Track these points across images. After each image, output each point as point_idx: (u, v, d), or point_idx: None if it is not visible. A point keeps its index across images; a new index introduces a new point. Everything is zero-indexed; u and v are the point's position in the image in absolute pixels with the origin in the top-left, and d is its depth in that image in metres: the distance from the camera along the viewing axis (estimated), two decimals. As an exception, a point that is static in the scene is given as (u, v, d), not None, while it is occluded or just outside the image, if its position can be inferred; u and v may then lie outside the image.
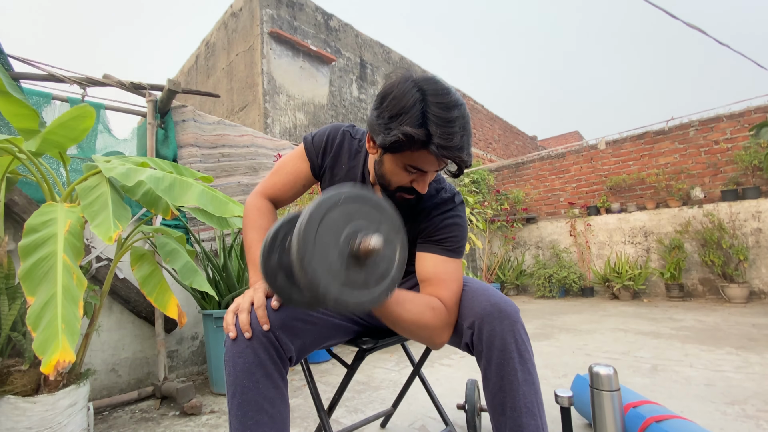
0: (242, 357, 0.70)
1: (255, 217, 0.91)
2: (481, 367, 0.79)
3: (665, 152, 4.90)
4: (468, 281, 0.88)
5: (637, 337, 2.78)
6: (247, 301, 0.74)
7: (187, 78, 4.55)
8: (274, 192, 0.96)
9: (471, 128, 0.76)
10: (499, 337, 0.75)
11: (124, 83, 2.18)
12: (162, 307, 1.36)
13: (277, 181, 0.96)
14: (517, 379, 0.74)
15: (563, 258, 5.23)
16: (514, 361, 0.74)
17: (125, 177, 1.25)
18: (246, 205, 0.94)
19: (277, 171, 0.98)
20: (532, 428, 0.72)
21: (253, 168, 2.80)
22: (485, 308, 0.77)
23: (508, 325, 0.75)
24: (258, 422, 0.69)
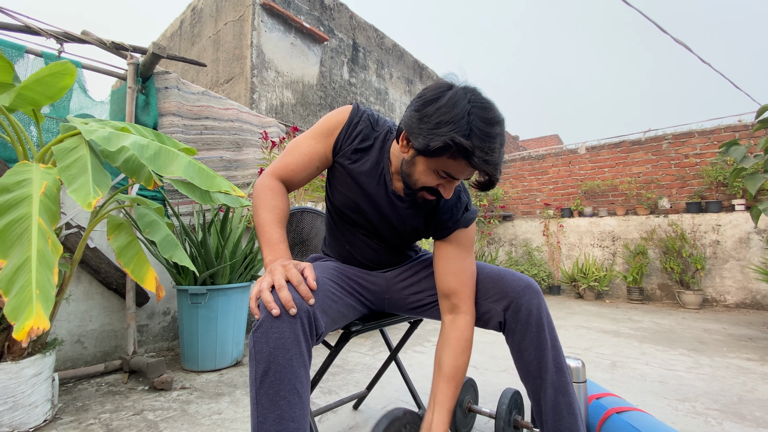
0: (278, 333, 0.66)
1: (268, 197, 0.87)
2: (515, 340, 0.89)
3: (639, 162, 5.10)
4: (483, 266, 0.97)
5: (599, 335, 2.92)
6: (281, 278, 0.70)
7: (169, 43, 4.34)
8: (286, 173, 0.92)
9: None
10: (535, 313, 0.87)
11: (104, 42, 2.06)
12: (139, 279, 1.32)
13: (290, 162, 0.92)
14: (548, 346, 0.87)
15: (535, 256, 5.40)
16: (545, 332, 0.87)
17: (107, 141, 1.20)
18: (256, 185, 0.90)
19: (289, 151, 0.93)
20: (564, 382, 0.87)
21: (236, 144, 2.73)
22: (519, 288, 0.88)
23: (537, 300, 0.88)
24: (290, 402, 0.67)
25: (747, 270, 4.15)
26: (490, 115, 0.74)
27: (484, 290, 0.93)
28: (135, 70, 2.21)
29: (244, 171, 2.76)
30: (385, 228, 0.99)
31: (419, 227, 0.97)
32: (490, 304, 0.91)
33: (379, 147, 0.94)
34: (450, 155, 0.75)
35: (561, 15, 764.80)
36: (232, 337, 2.06)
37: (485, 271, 0.96)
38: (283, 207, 0.87)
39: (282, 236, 0.83)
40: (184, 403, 1.58)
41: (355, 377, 1.88)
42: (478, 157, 0.73)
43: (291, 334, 0.67)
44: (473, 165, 0.74)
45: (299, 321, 0.68)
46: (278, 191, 0.89)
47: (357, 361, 2.15)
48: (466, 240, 0.96)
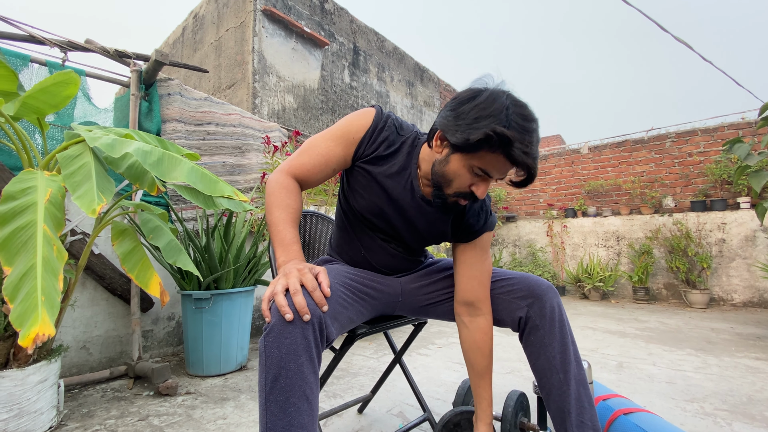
0: (290, 338, 0.66)
1: (282, 195, 0.84)
2: (539, 336, 0.92)
3: (642, 161, 5.08)
4: (501, 271, 1.02)
5: (604, 336, 2.90)
6: (296, 282, 0.69)
7: (172, 50, 4.37)
8: (302, 172, 0.89)
9: None
10: (558, 310, 0.92)
11: (108, 50, 2.08)
12: (144, 285, 1.33)
13: (306, 162, 0.89)
14: (570, 341, 0.92)
15: (539, 257, 5.38)
16: (566, 328, 0.92)
17: (110, 148, 1.20)
18: (269, 182, 0.88)
19: (306, 151, 0.91)
20: (584, 377, 0.91)
21: (239, 149, 2.74)
22: (540, 289, 0.94)
23: (558, 299, 0.94)
24: (299, 409, 0.66)
25: (754, 268, 4.12)
26: (527, 112, 0.77)
27: (510, 287, 0.97)
28: (138, 78, 2.23)
29: (246, 176, 2.77)
30: (409, 233, 0.99)
31: (446, 231, 0.99)
32: (514, 299, 0.96)
33: (407, 152, 0.93)
34: (489, 148, 0.76)
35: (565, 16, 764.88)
36: (236, 342, 2.06)
37: (508, 273, 1.02)
38: (296, 206, 0.85)
39: (295, 237, 0.81)
40: (189, 408, 1.58)
41: (360, 381, 1.88)
42: (518, 148, 0.74)
43: (303, 340, 0.66)
44: (513, 158, 0.75)
45: (311, 327, 0.68)
46: (292, 190, 0.87)
47: (361, 364, 2.15)
48: (487, 242, 1.00)
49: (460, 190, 0.83)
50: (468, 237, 0.97)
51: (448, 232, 0.99)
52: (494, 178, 0.82)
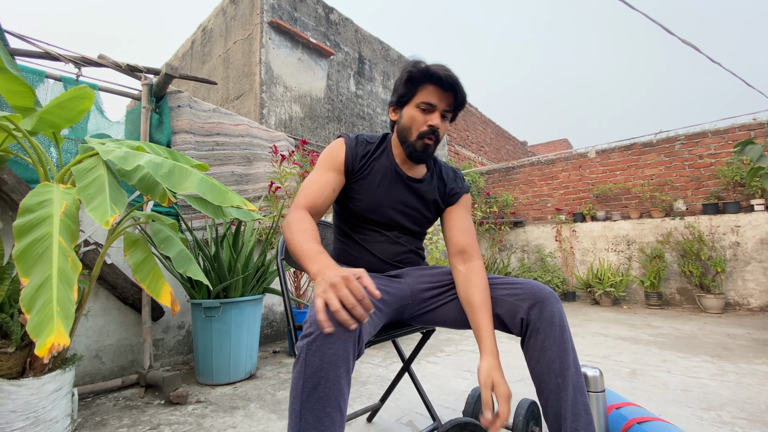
0: (333, 349, 0.67)
1: (297, 225, 0.92)
2: (539, 339, 0.92)
3: (651, 164, 5.03)
4: (508, 278, 1.05)
5: (617, 342, 2.86)
6: (347, 294, 0.69)
7: (181, 63, 4.46)
8: (308, 202, 0.99)
9: None
10: (558, 315, 0.92)
11: (120, 65, 2.13)
12: (155, 294, 1.35)
13: (309, 193, 1.01)
14: (570, 347, 0.91)
15: (548, 262, 5.33)
16: (567, 333, 0.92)
17: (123, 160, 1.23)
18: (285, 222, 0.95)
19: (305, 188, 1.03)
20: (582, 384, 0.91)
21: (247, 158, 2.78)
22: (542, 293, 0.95)
23: (559, 306, 0.95)
24: (333, 420, 0.67)
25: (769, 272, 4.03)
26: (437, 62, 1.01)
27: (512, 289, 0.99)
28: (149, 91, 2.28)
29: (254, 185, 2.80)
30: (408, 215, 1.12)
31: (437, 199, 1.15)
32: (517, 302, 0.97)
33: (383, 149, 1.12)
34: (417, 84, 1.00)
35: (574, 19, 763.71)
36: (245, 350, 2.07)
37: (513, 279, 1.04)
38: (313, 228, 0.92)
39: (320, 248, 0.84)
40: (199, 417, 1.59)
41: (369, 389, 1.87)
42: (435, 71, 0.97)
43: (344, 351, 0.68)
44: (436, 78, 0.97)
45: (353, 339, 0.70)
46: (305, 218, 0.94)
47: (370, 372, 2.14)
48: (467, 204, 1.19)
49: (420, 129, 1.02)
50: (453, 198, 1.16)
51: (438, 200, 1.15)
52: (438, 107, 1.00)
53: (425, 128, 1.02)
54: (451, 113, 1.05)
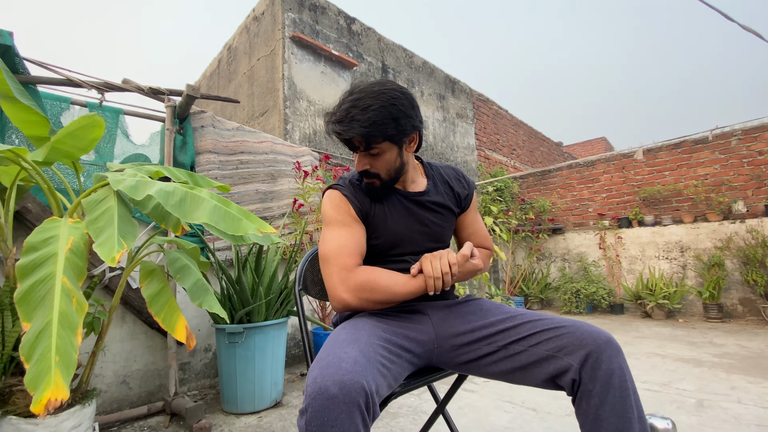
0: (336, 426, 0.61)
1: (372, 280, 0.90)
2: (591, 405, 0.75)
3: (704, 162, 4.60)
4: (551, 316, 0.89)
5: (676, 365, 2.56)
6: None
7: (209, 82, 4.55)
8: (357, 259, 0.94)
9: (371, 104, 0.88)
10: (618, 372, 0.74)
11: (142, 88, 2.13)
12: (170, 328, 1.28)
13: (350, 250, 0.95)
14: (635, 417, 0.73)
15: (591, 272, 4.97)
16: (630, 399, 0.73)
17: (134, 190, 1.17)
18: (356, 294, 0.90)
19: (343, 246, 0.96)
20: None
21: (271, 175, 2.73)
22: (595, 342, 0.77)
23: (619, 359, 0.76)
24: None
25: None
26: (341, 98, 0.94)
27: (556, 340, 0.82)
28: (172, 112, 2.27)
29: (279, 201, 2.75)
30: (428, 234, 1.04)
31: (449, 205, 1.08)
32: (563, 357, 0.80)
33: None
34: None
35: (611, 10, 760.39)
36: (270, 377, 1.99)
37: (555, 320, 0.86)
38: (380, 270, 0.92)
39: (398, 275, 0.91)
40: (220, 454, 1.50)
41: (401, 423, 1.73)
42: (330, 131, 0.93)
43: (350, 424, 0.61)
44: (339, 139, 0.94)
45: (358, 408, 0.62)
46: (369, 271, 0.91)
47: (401, 402, 1.99)
48: (476, 204, 1.17)
49: (357, 176, 1.03)
50: (467, 200, 1.12)
51: (450, 205, 1.08)
52: (358, 149, 0.94)
53: (358, 173, 0.99)
54: (373, 149, 0.93)
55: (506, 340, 0.88)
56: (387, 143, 0.93)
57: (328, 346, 0.76)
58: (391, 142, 0.93)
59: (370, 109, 0.88)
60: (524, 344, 0.86)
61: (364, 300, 0.88)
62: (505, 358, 0.88)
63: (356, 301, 0.89)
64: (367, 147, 0.92)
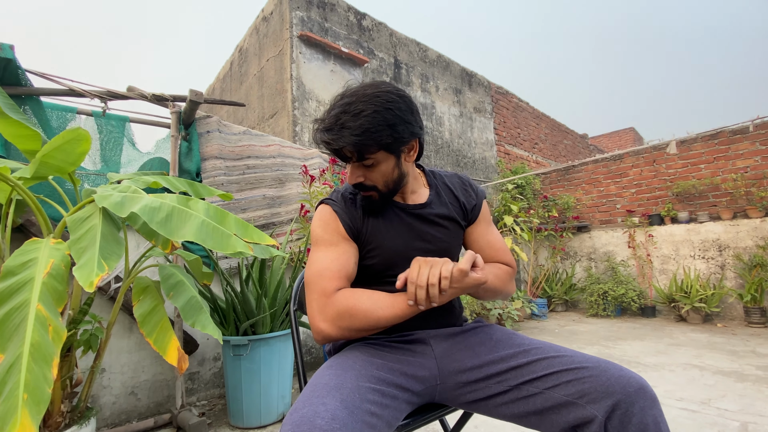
0: None
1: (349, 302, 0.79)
2: None
3: (744, 154, 4.26)
4: (572, 352, 0.78)
5: (716, 379, 2.35)
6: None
7: (222, 85, 4.55)
8: (338, 282, 0.83)
9: (363, 109, 0.79)
10: (653, 429, 0.64)
11: (146, 95, 2.10)
12: (162, 350, 1.22)
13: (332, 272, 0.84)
14: None
15: (620, 272, 4.71)
16: None
17: (119, 207, 1.11)
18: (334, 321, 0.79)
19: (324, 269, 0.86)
20: None
21: (279, 180, 2.67)
22: (629, 389, 0.66)
23: (655, 410, 0.65)
24: None
25: None
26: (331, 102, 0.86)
27: (577, 383, 0.70)
28: (177, 119, 2.23)
29: (287, 206, 2.68)
30: (431, 251, 0.93)
31: (455, 217, 0.97)
32: (585, 405, 0.68)
33: None
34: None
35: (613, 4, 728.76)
36: (276, 390, 1.93)
37: (576, 358, 0.74)
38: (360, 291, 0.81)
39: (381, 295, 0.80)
40: (221, 477, 1.44)
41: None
42: (320, 142, 0.84)
43: None
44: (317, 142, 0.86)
45: None
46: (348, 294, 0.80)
47: (413, 418, 1.89)
48: (488, 213, 1.03)
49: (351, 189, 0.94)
50: (473, 212, 1.00)
51: (456, 217, 0.97)
52: (346, 162, 0.86)
53: (352, 186, 0.90)
54: (367, 160, 0.84)
55: (519, 380, 0.77)
56: (382, 153, 0.83)
57: (306, 393, 0.67)
58: (387, 151, 0.83)
59: (362, 115, 0.78)
60: (539, 385, 0.75)
61: (345, 329, 0.78)
62: (517, 400, 0.76)
63: (336, 331, 0.78)
64: (360, 158, 0.82)
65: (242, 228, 1.38)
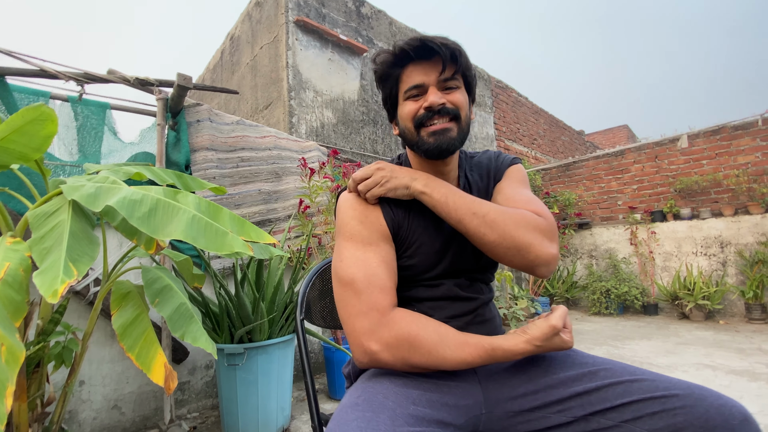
0: None
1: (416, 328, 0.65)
2: None
3: (746, 150, 4.20)
4: (650, 373, 0.63)
5: (730, 379, 2.27)
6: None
7: (212, 75, 4.33)
8: (390, 297, 0.68)
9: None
10: None
11: (128, 79, 1.91)
12: (145, 367, 1.05)
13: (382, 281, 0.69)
14: None
15: (622, 270, 4.63)
16: None
17: (92, 200, 0.94)
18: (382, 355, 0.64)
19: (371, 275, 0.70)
20: None
21: (275, 173, 2.49)
22: (731, 420, 0.54)
23: None
24: None
25: None
26: None
27: (665, 416, 0.57)
28: (164, 106, 2.04)
29: (284, 202, 2.51)
30: (465, 243, 0.76)
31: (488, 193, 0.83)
32: None
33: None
34: (393, 71, 0.75)
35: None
36: (275, 403, 1.77)
37: (660, 382, 0.60)
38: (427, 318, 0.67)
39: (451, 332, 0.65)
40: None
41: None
42: (398, 49, 0.73)
43: None
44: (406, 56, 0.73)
45: None
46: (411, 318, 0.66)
47: None
48: (517, 175, 0.84)
49: (418, 117, 0.74)
50: (499, 174, 0.84)
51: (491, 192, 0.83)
52: (428, 82, 0.73)
53: (422, 112, 0.73)
54: (453, 80, 0.74)
55: (587, 409, 0.62)
56: (463, 88, 0.76)
57: None
58: (467, 87, 0.78)
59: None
60: (615, 417, 0.61)
61: (399, 359, 0.63)
62: None
63: (389, 358, 0.63)
64: (454, 72, 0.73)
65: (238, 225, 1.22)
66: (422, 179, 0.74)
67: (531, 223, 0.68)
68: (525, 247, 0.66)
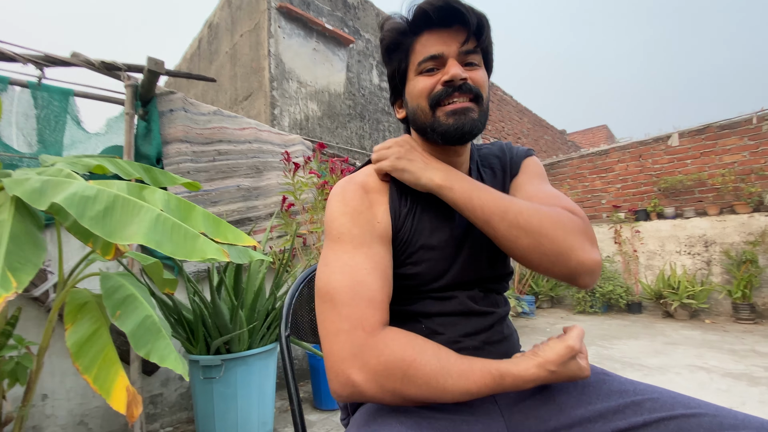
0: None
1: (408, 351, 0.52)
2: None
3: (731, 149, 4.26)
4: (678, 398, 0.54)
5: (727, 383, 2.23)
6: None
7: (189, 65, 4.11)
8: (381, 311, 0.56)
9: None
10: None
11: (93, 62, 1.73)
12: (104, 391, 0.90)
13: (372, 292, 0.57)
14: None
15: (606, 268, 4.65)
16: None
17: (36, 196, 0.79)
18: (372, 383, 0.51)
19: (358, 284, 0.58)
20: None
21: (256, 168, 2.34)
22: None
23: None
24: None
25: None
26: None
27: None
28: (133, 93, 1.87)
29: (266, 199, 2.36)
30: (487, 252, 0.66)
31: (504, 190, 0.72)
32: None
33: None
34: (406, 45, 0.64)
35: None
36: (257, 416, 1.63)
37: (725, 418, 0.50)
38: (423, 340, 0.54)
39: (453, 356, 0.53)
40: None
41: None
42: (419, 11, 0.60)
43: None
44: (427, 20, 0.60)
45: None
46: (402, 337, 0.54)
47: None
48: (535, 170, 0.73)
49: (434, 95, 0.62)
50: (514, 170, 0.74)
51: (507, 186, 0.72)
52: (448, 53, 0.61)
53: (439, 87, 0.61)
54: (475, 54, 0.63)
55: None
56: (486, 57, 0.66)
57: None
58: (486, 64, 0.67)
59: None
60: None
61: (389, 392, 0.50)
62: None
63: (376, 391, 0.50)
64: (477, 42, 0.62)
65: (213, 225, 1.08)
66: (441, 170, 0.62)
67: (569, 224, 0.57)
68: (565, 252, 0.55)
